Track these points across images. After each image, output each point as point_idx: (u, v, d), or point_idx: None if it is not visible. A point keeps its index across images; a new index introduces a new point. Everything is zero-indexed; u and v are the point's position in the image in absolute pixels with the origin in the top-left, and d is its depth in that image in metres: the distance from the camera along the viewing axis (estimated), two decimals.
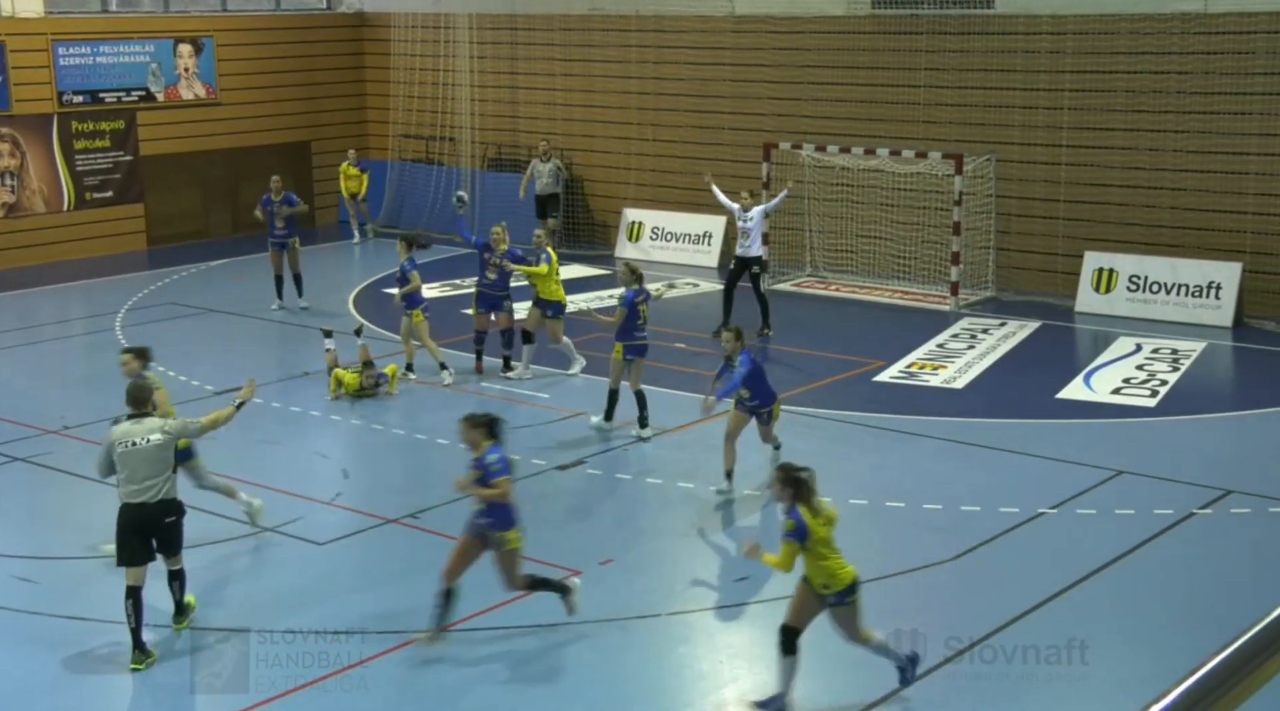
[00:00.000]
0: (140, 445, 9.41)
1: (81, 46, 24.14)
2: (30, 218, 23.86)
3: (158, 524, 9.52)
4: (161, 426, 9.53)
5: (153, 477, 9.44)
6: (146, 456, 9.41)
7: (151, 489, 9.44)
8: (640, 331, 14.40)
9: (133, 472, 9.41)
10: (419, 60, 26.98)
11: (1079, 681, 9.14)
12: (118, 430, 9.55)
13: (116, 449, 9.45)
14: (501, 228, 17.00)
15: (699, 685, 9.31)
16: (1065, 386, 16.21)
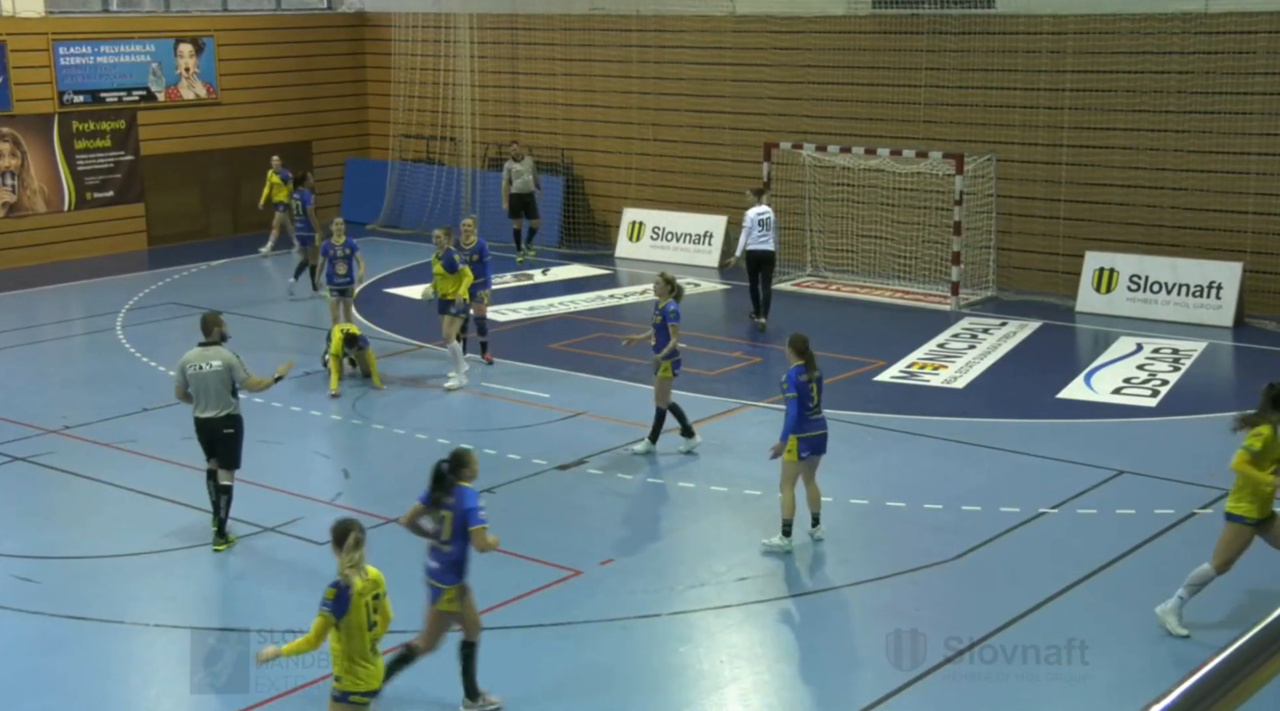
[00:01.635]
0: (205, 370, 11.24)
1: (82, 46, 24.14)
2: (31, 217, 23.86)
3: (218, 434, 11.31)
4: (224, 357, 11.26)
5: (215, 397, 11.24)
6: (210, 379, 11.22)
7: (214, 406, 11.25)
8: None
9: (199, 392, 11.27)
10: (419, 60, 26.98)
11: (1079, 681, 9.14)
12: (189, 355, 11.38)
13: (187, 370, 11.29)
14: (472, 221, 17.15)
15: (700, 685, 9.31)
16: (1066, 386, 16.21)
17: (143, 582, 11.03)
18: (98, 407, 15.23)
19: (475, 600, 8.79)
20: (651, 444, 13.81)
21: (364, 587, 7.38)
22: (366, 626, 7.40)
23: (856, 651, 9.67)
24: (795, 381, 11.08)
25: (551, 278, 22.74)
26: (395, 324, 19.23)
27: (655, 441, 13.82)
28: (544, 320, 19.76)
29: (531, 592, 10.52)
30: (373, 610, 7.44)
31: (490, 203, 25.88)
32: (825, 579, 10.87)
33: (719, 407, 15.34)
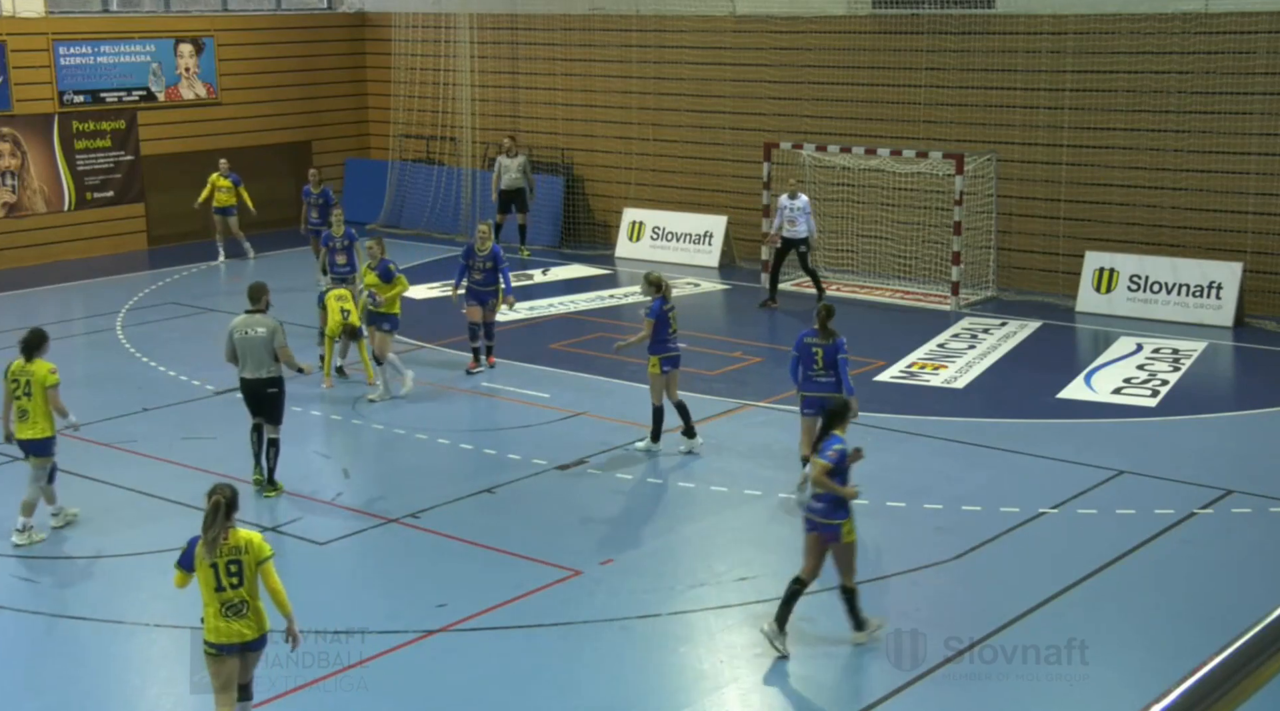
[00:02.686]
0: (251, 335, 12.31)
1: (82, 46, 24.14)
2: (31, 217, 23.86)
3: (262, 394, 12.41)
4: (268, 325, 12.35)
5: (259, 361, 12.32)
6: (255, 344, 12.30)
7: (259, 368, 12.32)
8: (673, 341, 13.68)
9: (245, 356, 12.33)
10: (420, 60, 26.98)
11: (1079, 681, 9.14)
12: (237, 321, 12.47)
13: (235, 335, 12.35)
14: (487, 226, 17.05)
15: (700, 685, 9.31)
16: (1066, 386, 16.21)
17: (142, 582, 11.03)
18: (97, 407, 15.21)
19: None
20: (654, 443, 13.78)
21: (221, 548, 7.84)
22: (214, 587, 7.83)
23: (856, 651, 9.66)
24: (657, 311, 13.29)
25: (551, 278, 22.74)
26: None
27: (657, 441, 13.77)
28: (544, 320, 19.76)
29: (532, 592, 10.52)
30: (227, 573, 7.83)
31: (489, 203, 25.86)
32: (825, 579, 10.84)
33: (720, 407, 15.34)
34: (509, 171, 23.98)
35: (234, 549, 7.88)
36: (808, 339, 12.22)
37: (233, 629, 7.91)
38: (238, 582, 7.87)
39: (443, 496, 12.63)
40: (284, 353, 12.36)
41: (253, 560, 7.91)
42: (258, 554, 7.93)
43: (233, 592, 7.87)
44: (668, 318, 13.57)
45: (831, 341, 12.15)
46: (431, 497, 12.54)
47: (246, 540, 7.95)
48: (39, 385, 11.41)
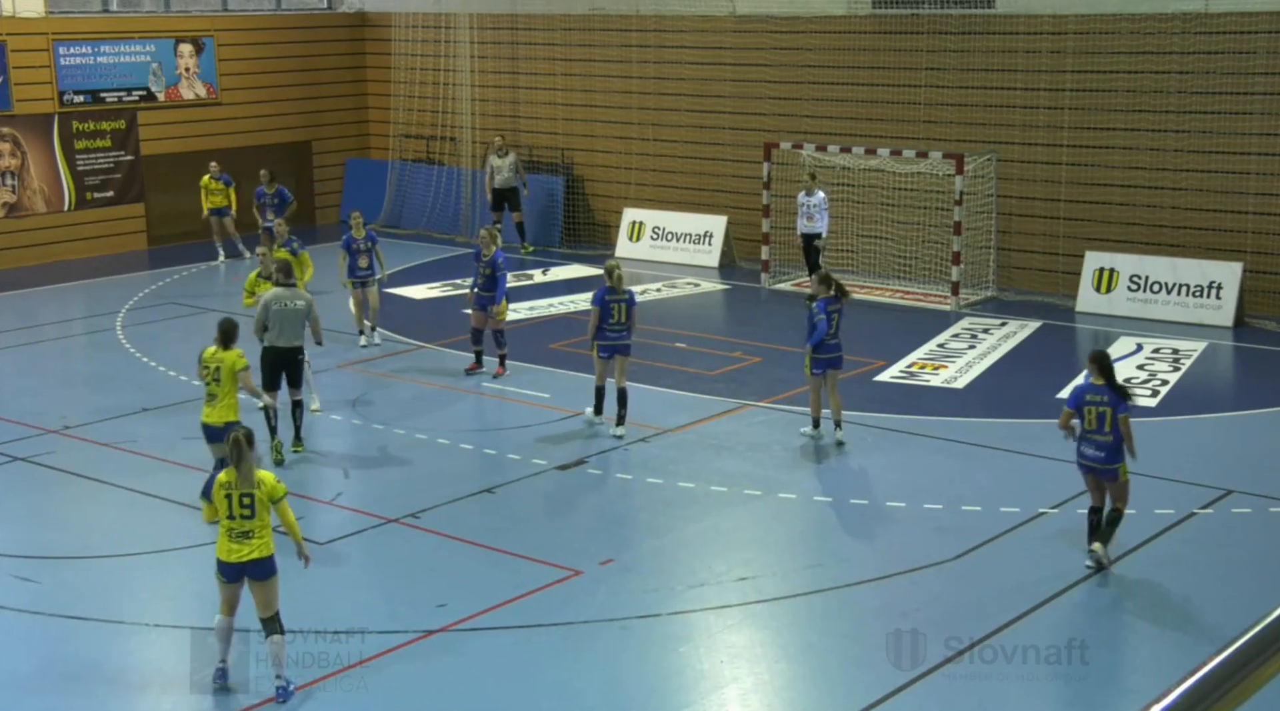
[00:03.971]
0: (291, 307, 13.30)
1: (82, 46, 24.14)
2: (31, 217, 23.85)
3: (292, 360, 13.41)
4: (306, 298, 13.50)
5: (293, 331, 13.30)
6: (292, 316, 13.29)
7: (291, 338, 13.29)
8: (614, 330, 14.25)
9: (281, 326, 13.23)
10: (420, 60, 26.97)
11: (1079, 681, 9.14)
12: (272, 293, 13.39)
13: (272, 306, 13.22)
14: (488, 231, 16.82)
15: (700, 685, 9.30)
16: (1066, 386, 16.17)
17: (142, 582, 11.03)
18: (98, 408, 15.22)
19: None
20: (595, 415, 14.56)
21: (228, 481, 8.80)
22: (226, 514, 8.80)
23: (856, 651, 9.66)
24: (824, 309, 13.80)
25: (552, 277, 22.74)
26: (396, 324, 19.23)
27: (599, 414, 14.55)
28: (544, 320, 19.76)
29: (531, 592, 10.51)
30: (241, 504, 8.76)
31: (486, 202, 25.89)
32: (825, 579, 10.86)
33: (719, 407, 15.34)
34: (501, 171, 24.03)
35: (249, 486, 8.82)
36: (831, 306, 13.78)
37: (238, 550, 8.81)
38: (249, 514, 8.79)
39: (443, 496, 12.62)
40: (316, 324, 13.58)
41: (265, 497, 8.84)
42: (271, 493, 8.88)
43: (243, 522, 8.80)
44: (610, 307, 14.18)
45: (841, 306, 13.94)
46: (431, 497, 12.53)
47: (260, 479, 8.87)
48: (228, 371, 11.67)
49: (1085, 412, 10.81)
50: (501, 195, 24.21)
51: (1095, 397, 10.81)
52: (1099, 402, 10.77)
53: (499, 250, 16.59)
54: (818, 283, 14.14)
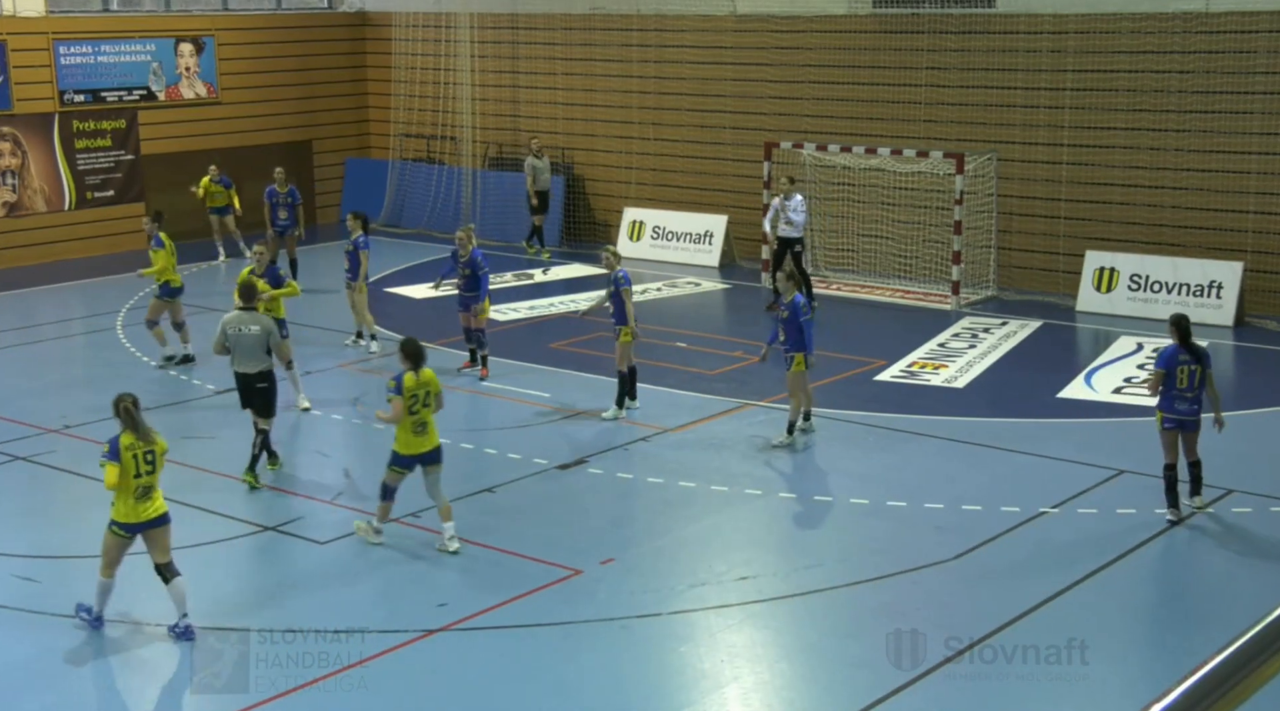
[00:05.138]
0: (245, 333, 12.76)
1: (83, 45, 24.14)
2: (31, 217, 23.86)
3: (253, 388, 12.83)
4: (263, 324, 12.80)
5: (252, 356, 12.74)
6: (249, 342, 12.76)
7: (251, 364, 12.75)
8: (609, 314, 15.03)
9: (238, 351, 12.77)
10: (420, 59, 26.98)
11: (1079, 681, 9.14)
12: (230, 317, 12.90)
13: (228, 331, 12.79)
14: (466, 231, 16.76)
15: (700, 684, 9.31)
16: (1066, 386, 16.21)
17: (143, 582, 11.01)
18: (98, 407, 15.15)
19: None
20: (620, 410, 14.77)
21: (131, 443, 9.52)
22: (134, 473, 9.52)
23: (857, 651, 9.66)
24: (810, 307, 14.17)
25: (552, 277, 22.74)
26: (397, 324, 19.23)
27: (623, 406, 14.80)
28: (544, 319, 19.76)
29: (532, 592, 10.52)
30: (145, 461, 9.55)
31: (490, 202, 25.89)
32: (825, 578, 10.86)
33: (720, 407, 15.34)
34: (542, 172, 23.94)
35: (150, 441, 9.67)
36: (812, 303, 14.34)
37: (144, 511, 9.61)
38: (151, 470, 9.63)
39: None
40: (280, 349, 13.11)
41: (160, 452, 9.71)
42: (164, 446, 9.80)
43: (147, 478, 9.59)
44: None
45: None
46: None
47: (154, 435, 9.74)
48: (437, 393, 11.10)
49: (1178, 373, 11.63)
50: (543, 197, 24.11)
51: (1185, 357, 11.65)
52: (1188, 361, 11.64)
53: (476, 249, 16.59)
54: (785, 280, 14.09)
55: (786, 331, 13.76)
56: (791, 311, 13.70)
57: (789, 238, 19.85)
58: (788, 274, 14.29)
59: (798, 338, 13.69)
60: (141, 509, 9.63)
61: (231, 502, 12.49)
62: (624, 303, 14.70)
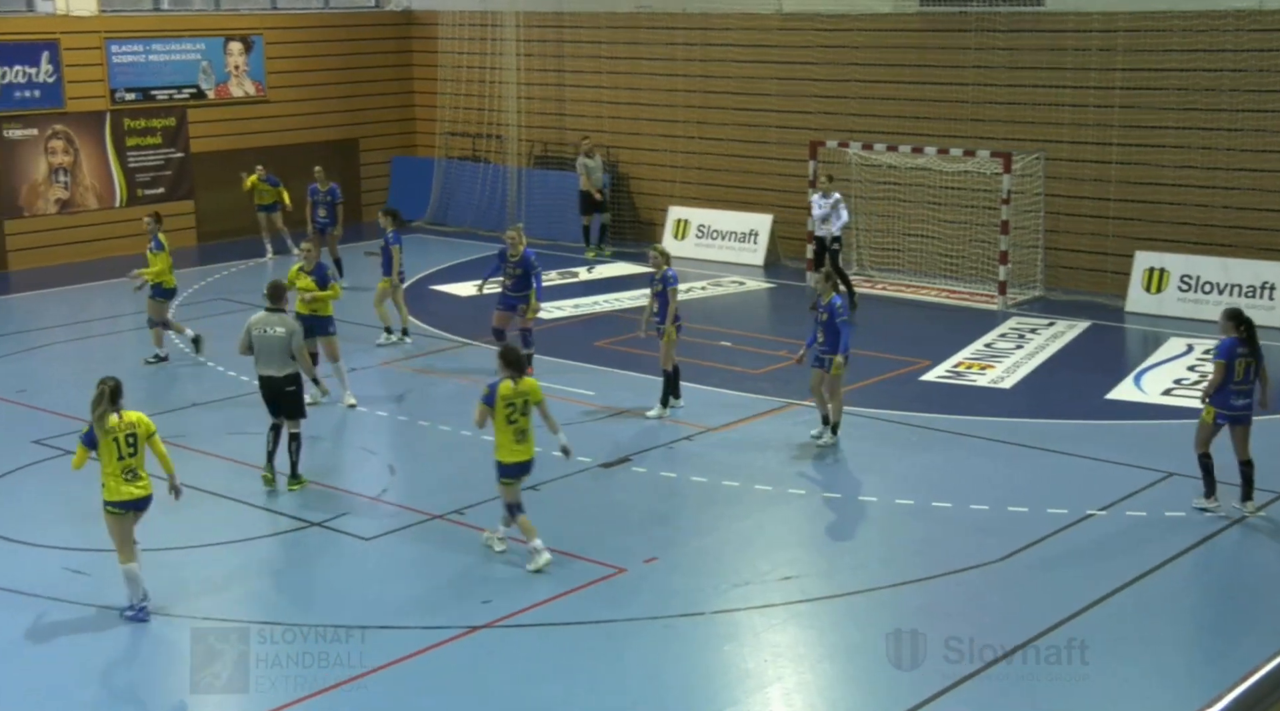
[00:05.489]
0: (270, 334, 12.42)
1: (134, 44, 24.40)
2: (83, 213, 24.14)
3: (280, 391, 12.49)
4: (288, 325, 12.43)
5: (276, 358, 12.41)
6: (273, 344, 12.39)
7: (275, 366, 12.43)
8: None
9: (260, 354, 12.44)
10: (466, 58, 27.07)
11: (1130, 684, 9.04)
12: (256, 318, 12.55)
13: (253, 332, 12.45)
14: (516, 231, 16.51)
15: (744, 683, 9.29)
16: (1115, 387, 16.07)
17: (190, 576, 11.13)
18: (146, 402, 15.32)
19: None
20: (664, 409, 14.80)
21: (114, 426, 9.86)
22: (116, 456, 9.84)
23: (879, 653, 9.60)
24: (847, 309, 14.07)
25: (596, 276, 22.76)
26: (442, 321, 19.32)
27: (668, 405, 14.83)
28: (589, 318, 19.78)
29: (575, 590, 10.53)
30: (127, 444, 9.86)
31: (535, 201, 25.95)
32: (869, 578, 10.82)
33: (764, 406, 15.31)
34: (594, 172, 23.96)
35: (129, 425, 9.94)
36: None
37: (132, 490, 9.92)
38: (133, 452, 9.91)
39: (487, 493, 12.63)
40: (302, 355, 12.60)
41: (144, 434, 9.98)
42: (147, 429, 10.04)
43: (131, 460, 9.89)
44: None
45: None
46: (476, 494, 12.56)
47: (137, 419, 10.02)
48: (538, 402, 10.79)
49: (1235, 366, 11.61)
50: (590, 198, 24.10)
51: (1244, 350, 11.66)
52: (1246, 354, 11.64)
53: (528, 248, 16.45)
54: (823, 281, 14.02)
55: (825, 333, 13.66)
56: (830, 313, 13.60)
57: (823, 236, 19.91)
58: (825, 275, 14.19)
59: (836, 339, 13.58)
60: (130, 488, 9.97)
61: (277, 498, 12.59)
62: (669, 302, 14.68)
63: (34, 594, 10.59)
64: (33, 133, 23.37)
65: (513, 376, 10.68)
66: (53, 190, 23.77)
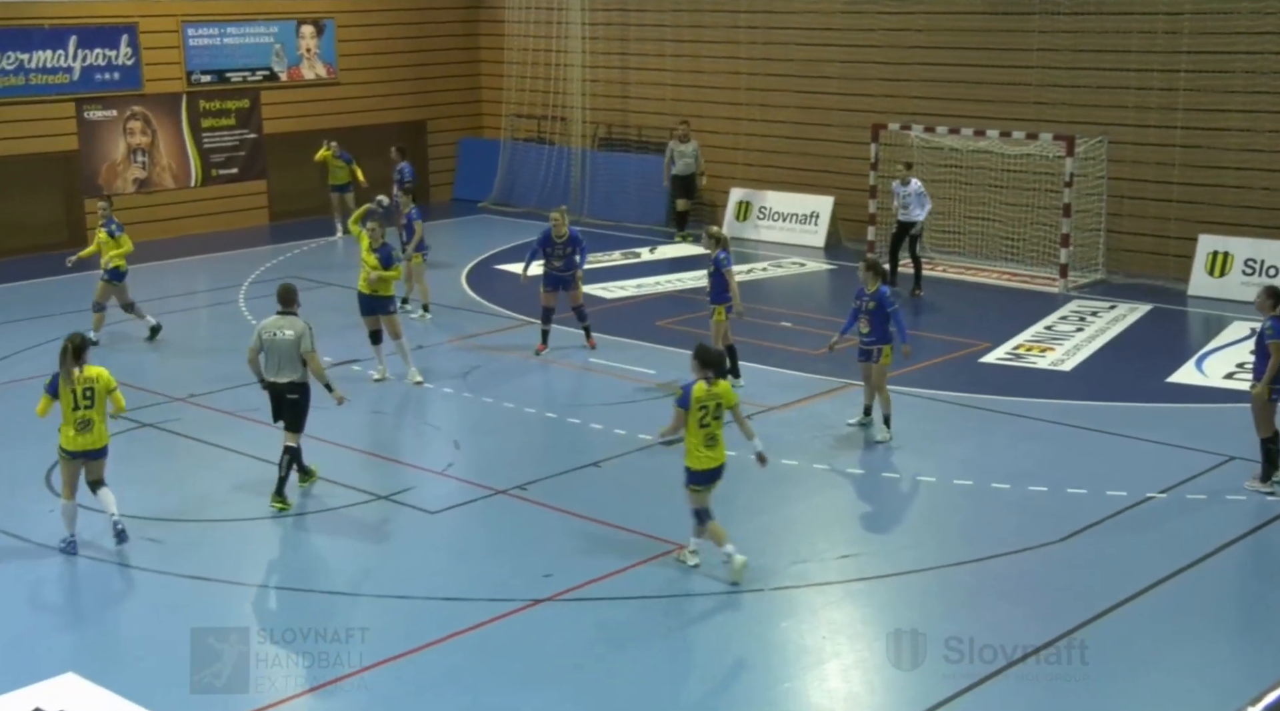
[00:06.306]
0: (280, 337, 11.80)
1: (209, 28, 24.66)
2: (160, 193, 24.48)
3: (282, 399, 11.85)
4: (297, 328, 11.80)
5: (283, 364, 11.77)
6: (281, 347, 11.77)
7: (284, 372, 11.78)
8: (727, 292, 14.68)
9: (271, 357, 11.81)
10: (532, 41, 27.09)
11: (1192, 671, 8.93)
12: (267, 321, 11.98)
13: (263, 336, 11.86)
14: (560, 212, 16.57)
15: (802, 659, 9.27)
16: (1176, 370, 15.83)
17: (261, 546, 11.28)
18: (221, 377, 15.56)
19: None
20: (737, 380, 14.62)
21: (75, 378, 10.58)
22: (72, 407, 10.59)
23: (955, 631, 9.54)
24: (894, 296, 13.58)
25: (659, 256, 22.74)
26: (504, 299, 19.40)
27: (739, 376, 14.66)
28: (651, 297, 19.78)
29: (636, 565, 10.56)
30: (83, 396, 10.59)
31: (599, 182, 25.95)
32: (926, 558, 10.75)
33: (822, 386, 15.24)
34: (684, 157, 23.89)
35: (87, 379, 10.64)
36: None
37: (83, 441, 10.65)
38: (89, 405, 10.61)
39: (549, 469, 12.72)
40: (312, 359, 11.77)
41: (103, 389, 10.69)
42: (106, 384, 10.74)
43: (85, 412, 10.60)
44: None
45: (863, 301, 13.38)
46: (539, 470, 12.63)
47: (96, 374, 10.71)
48: (731, 405, 10.32)
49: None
50: (681, 182, 23.97)
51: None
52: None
53: (573, 227, 16.61)
54: (865, 271, 13.38)
55: (871, 323, 13.21)
56: (878, 302, 13.17)
57: (908, 222, 19.77)
58: (868, 264, 13.50)
59: (884, 329, 13.18)
60: (81, 439, 10.64)
61: (347, 471, 12.71)
62: (726, 282, 14.59)
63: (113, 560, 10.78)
64: (112, 114, 23.70)
65: (708, 377, 10.10)
66: (131, 170, 24.10)
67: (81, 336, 10.80)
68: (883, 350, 13.24)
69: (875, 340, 13.25)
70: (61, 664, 9.05)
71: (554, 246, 16.33)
